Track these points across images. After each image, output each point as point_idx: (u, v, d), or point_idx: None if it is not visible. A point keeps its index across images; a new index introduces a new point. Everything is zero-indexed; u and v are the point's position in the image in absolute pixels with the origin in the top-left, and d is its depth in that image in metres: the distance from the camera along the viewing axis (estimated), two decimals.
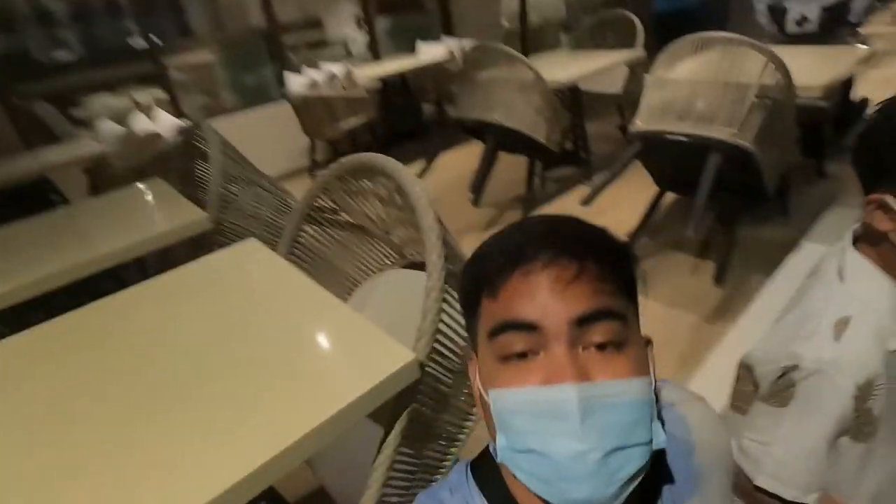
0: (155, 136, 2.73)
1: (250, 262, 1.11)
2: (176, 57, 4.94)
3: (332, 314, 0.88)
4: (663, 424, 0.41)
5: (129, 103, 4.21)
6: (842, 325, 0.67)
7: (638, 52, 3.04)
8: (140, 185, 1.76)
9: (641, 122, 1.98)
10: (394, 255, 1.33)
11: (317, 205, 1.16)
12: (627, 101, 3.14)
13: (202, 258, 1.14)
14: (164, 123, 2.95)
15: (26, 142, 3.19)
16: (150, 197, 1.69)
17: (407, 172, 0.94)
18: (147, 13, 4.58)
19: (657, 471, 0.41)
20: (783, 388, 0.69)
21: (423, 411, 0.81)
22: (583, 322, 0.38)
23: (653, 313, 1.92)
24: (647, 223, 2.31)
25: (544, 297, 0.39)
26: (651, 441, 0.39)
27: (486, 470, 0.47)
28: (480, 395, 0.44)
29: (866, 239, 0.71)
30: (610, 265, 0.41)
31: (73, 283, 1.21)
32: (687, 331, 1.79)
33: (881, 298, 0.68)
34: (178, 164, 1.93)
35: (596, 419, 0.37)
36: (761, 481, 0.73)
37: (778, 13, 2.70)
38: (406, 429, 0.77)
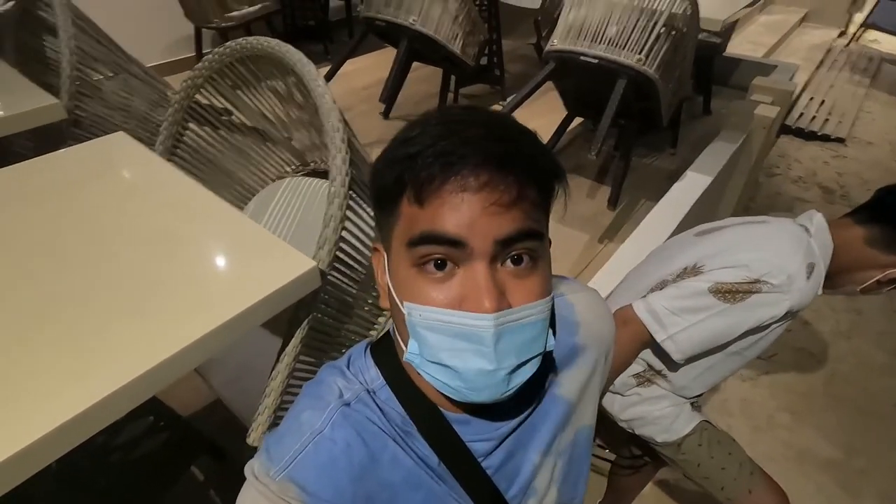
0: None
1: (119, 158, 0.95)
2: None
3: (222, 219, 0.79)
4: (554, 322, 0.44)
5: None
6: (810, 268, 0.88)
7: None
8: None
9: (557, 42, 1.96)
10: (294, 161, 1.23)
11: (203, 97, 1.01)
12: (545, 19, 3.08)
13: (55, 153, 0.95)
14: None
15: None
16: None
17: (309, 64, 0.83)
18: None
19: (544, 360, 0.44)
20: (742, 290, 0.87)
21: (324, 321, 0.79)
22: (508, 242, 0.38)
23: (552, 230, 2.02)
24: (554, 147, 2.38)
25: (475, 216, 0.37)
26: (544, 349, 0.42)
27: (385, 350, 0.49)
28: (390, 292, 0.43)
29: (841, 235, 0.93)
30: (542, 185, 0.41)
31: None
32: (579, 247, 1.93)
33: (826, 259, 0.92)
34: (15, 39, 1.55)
35: (506, 341, 0.39)
36: (660, 336, 0.92)
37: None
38: (307, 338, 0.75)
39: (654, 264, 1.08)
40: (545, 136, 2.37)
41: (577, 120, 2.40)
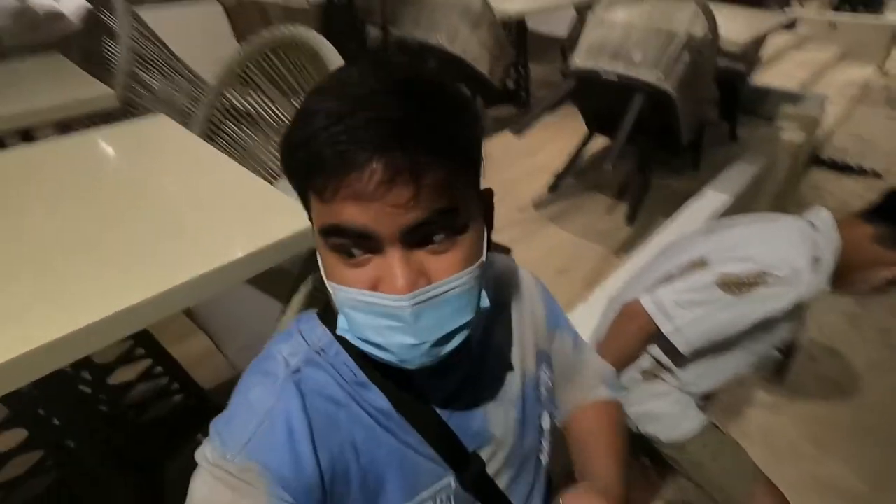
0: (57, 16, 2.41)
1: (158, 133, 1.05)
2: None
3: (243, 183, 0.86)
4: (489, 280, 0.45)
5: None
6: (815, 262, 0.89)
7: None
8: (33, 59, 1.57)
9: (578, 60, 2.03)
10: None
11: (241, 80, 1.10)
12: (571, 46, 3.17)
13: (105, 127, 1.06)
14: (70, 4, 2.60)
15: None
16: (46, 70, 1.52)
17: (335, 52, 0.91)
18: None
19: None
20: (748, 283, 0.87)
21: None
22: (417, 228, 0.37)
23: (567, 242, 2.06)
24: (573, 165, 2.42)
25: (377, 210, 0.36)
26: (475, 314, 0.42)
27: (332, 310, 0.48)
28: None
29: (850, 233, 0.93)
30: (453, 155, 0.38)
31: None
32: (594, 260, 1.94)
33: (834, 254, 0.92)
34: (81, 42, 1.74)
35: (427, 317, 0.39)
36: (667, 328, 0.92)
37: None
38: (310, 293, 0.80)
39: (661, 260, 1.09)
40: (565, 156, 2.42)
41: (598, 141, 2.44)
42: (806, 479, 1.45)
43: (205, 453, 0.43)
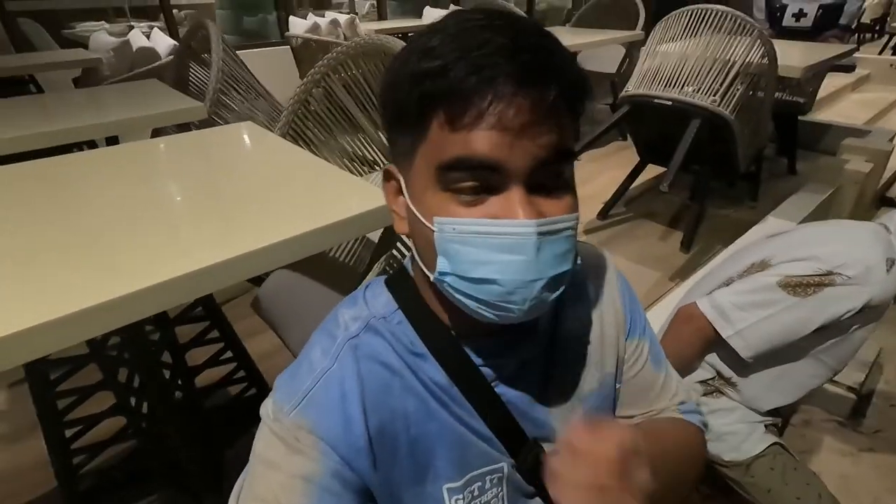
0: (150, 52, 2.70)
1: (246, 134, 1.15)
2: None
3: (325, 173, 0.92)
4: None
5: (126, 30, 4.14)
6: (890, 263, 0.84)
7: (636, 32, 3.13)
8: (131, 84, 1.76)
9: (631, 87, 2.07)
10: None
11: (321, 90, 1.19)
12: (621, 81, 3.24)
13: (200, 130, 1.18)
14: (162, 44, 2.92)
15: (18, 49, 3.13)
16: (143, 90, 1.69)
17: None
18: None
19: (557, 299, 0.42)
20: (814, 283, 0.84)
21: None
22: (544, 163, 0.37)
23: (620, 268, 2.01)
24: (625, 193, 2.41)
25: (513, 138, 0.35)
26: (573, 266, 0.41)
27: (399, 279, 0.49)
28: (412, 213, 0.41)
29: None
30: (574, 99, 0.38)
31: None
32: (649, 284, 1.90)
33: None
34: (174, 70, 1.94)
35: (546, 251, 0.38)
36: (726, 331, 0.88)
37: (774, 8, 2.85)
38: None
39: (722, 266, 1.06)
40: (616, 187, 2.42)
41: (648, 172, 2.43)
42: None
43: (267, 407, 0.43)
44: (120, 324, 0.55)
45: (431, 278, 0.41)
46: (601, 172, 2.84)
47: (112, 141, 1.41)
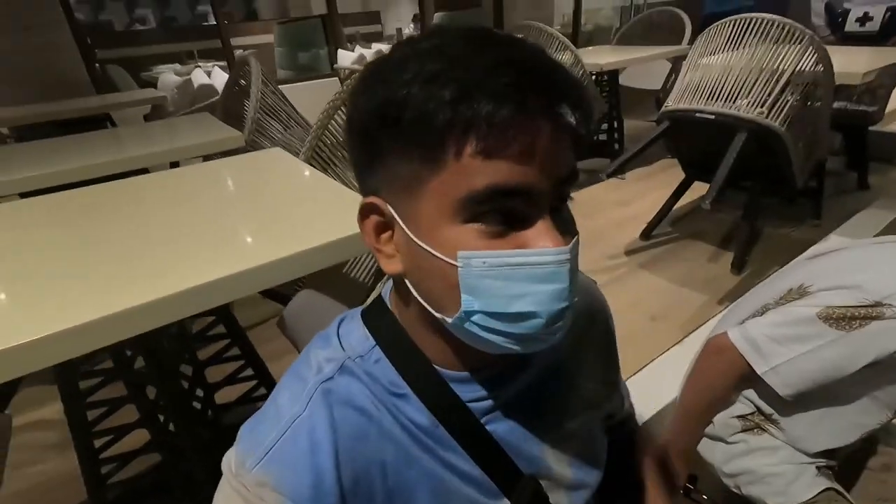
0: (209, 88, 2.93)
1: (274, 160, 1.21)
2: (242, 37, 5.29)
3: (340, 194, 0.95)
4: None
5: (192, 69, 4.53)
6: None
7: (682, 47, 3.03)
8: (187, 117, 1.91)
9: (672, 102, 1.99)
10: None
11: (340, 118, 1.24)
12: (666, 96, 3.13)
13: (230, 157, 1.25)
14: (221, 80, 3.16)
15: (99, 92, 3.51)
16: (193, 123, 1.83)
17: None
18: None
19: None
20: (860, 316, 0.74)
21: None
22: (562, 183, 0.36)
23: (663, 289, 1.91)
24: (669, 211, 2.30)
25: (540, 163, 0.34)
26: None
27: (377, 312, 0.46)
28: (425, 254, 0.37)
29: None
30: (588, 118, 0.37)
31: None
32: (694, 307, 1.78)
33: None
34: (224, 104, 2.08)
35: (573, 276, 0.37)
36: (761, 367, 0.80)
37: (836, 13, 2.67)
38: None
39: (759, 290, 0.97)
40: (660, 207, 2.32)
41: (695, 191, 2.31)
42: None
43: (229, 460, 0.41)
44: (160, 323, 0.62)
45: (448, 321, 0.37)
46: (643, 194, 2.73)
47: (174, 166, 1.53)
